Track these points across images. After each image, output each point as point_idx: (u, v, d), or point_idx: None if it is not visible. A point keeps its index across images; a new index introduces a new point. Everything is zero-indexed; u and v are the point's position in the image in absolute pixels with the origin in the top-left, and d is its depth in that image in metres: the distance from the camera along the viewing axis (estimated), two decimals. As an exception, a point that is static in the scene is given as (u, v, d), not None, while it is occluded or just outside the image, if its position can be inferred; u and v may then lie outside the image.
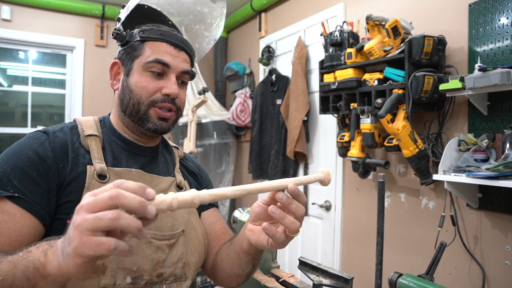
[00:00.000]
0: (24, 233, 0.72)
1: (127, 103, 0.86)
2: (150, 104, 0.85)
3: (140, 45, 0.86)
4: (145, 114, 0.85)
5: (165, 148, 1.01)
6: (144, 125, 0.86)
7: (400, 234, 1.98)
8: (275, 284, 1.13)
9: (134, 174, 0.84)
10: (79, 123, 0.87)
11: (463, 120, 1.68)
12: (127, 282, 0.77)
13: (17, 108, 3.49)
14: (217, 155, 3.54)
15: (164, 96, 0.85)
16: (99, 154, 0.83)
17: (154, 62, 0.84)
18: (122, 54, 0.89)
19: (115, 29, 0.88)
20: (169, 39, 0.87)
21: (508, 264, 1.51)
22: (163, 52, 0.85)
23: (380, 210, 0.95)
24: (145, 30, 0.87)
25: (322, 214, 2.57)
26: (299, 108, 2.56)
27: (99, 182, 0.79)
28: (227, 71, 3.46)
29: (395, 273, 0.92)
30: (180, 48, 0.88)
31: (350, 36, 2.03)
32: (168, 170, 0.95)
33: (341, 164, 2.41)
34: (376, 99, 1.81)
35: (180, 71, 0.87)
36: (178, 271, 0.85)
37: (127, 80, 0.86)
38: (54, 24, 3.41)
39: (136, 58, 0.86)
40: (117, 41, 0.89)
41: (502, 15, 1.51)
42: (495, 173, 1.35)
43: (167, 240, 0.84)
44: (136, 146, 0.90)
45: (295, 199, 0.65)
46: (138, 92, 0.84)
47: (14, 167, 0.75)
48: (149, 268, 0.80)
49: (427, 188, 1.84)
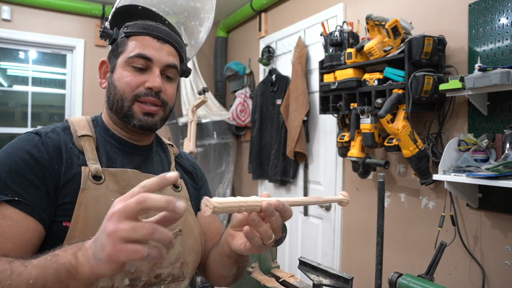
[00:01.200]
0: (28, 237, 0.71)
1: (112, 99, 0.84)
2: (133, 98, 0.83)
3: (125, 40, 0.85)
4: (129, 110, 0.83)
5: (159, 146, 0.99)
6: (130, 122, 0.84)
7: (400, 234, 1.98)
8: (275, 284, 1.13)
9: (130, 174, 0.83)
10: (71, 124, 0.86)
11: (463, 120, 1.68)
12: (125, 284, 0.76)
13: (17, 108, 3.49)
14: (217, 155, 3.54)
15: (147, 89, 0.83)
16: (93, 154, 0.81)
17: (136, 57, 0.82)
18: (109, 53, 0.89)
19: (102, 28, 0.87)
20: (152, 32, 0.85)
21: (508, 264, 1.51)
22: (146, 45, 0.83)
23: (380, 210, 0.95)
24: (129, 25, 0.86)
25: (322, 214, 2.57)
26: (299, 108, 2.56)
27: (94, 183, 0.77)
28: (227, 71, 3.46)
29: (395, 273, 0.92)
30: (164, 40, 0.85)
31: (350, 36, 2.03)
32: (164, 169, 0.94)
33: (341, 164, 2.41)
34: (376, 99, 1.81)
35: (164, 64, 0.85)
36: (176, 271, 0.84)
37: (112, 77, 0.85)
38: (54, 24, 3.41)
39: (120, 54, 0.85)
40: (105, 40, 0.88)
41: (502, 15, 1.51)
42: (495, 173, 1.35)
43: None
44: (130, 145, 0.89)
45: (281, 213, 0.66)
46: (121, 87, 0.83)
47: (9, 171, 0.73)
48: (147, 269, 0.79)
49: (427, 188, 1.84)
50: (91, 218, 0.74)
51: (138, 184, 0.60)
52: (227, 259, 0.82)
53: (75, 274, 0.56)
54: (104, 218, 0.55)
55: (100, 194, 0.77)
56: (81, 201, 0.75)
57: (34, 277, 0.58)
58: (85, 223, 0.74)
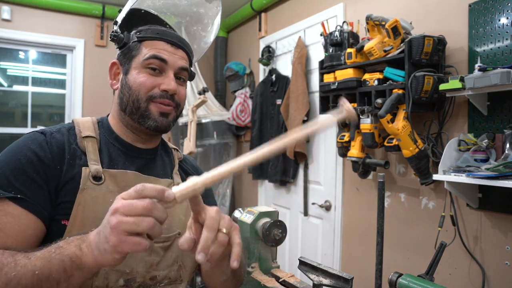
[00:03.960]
0: (29, 234, 0.72)
1: (126, 101, 0.86)
2: (148, 99, 0.85)
3: (137, 45, 0.87)
4: (146, 110, 0.85)
5: (164, 150, 1.00)
6: (145, 123, 0.85)
7: (400, 234, 1.98)
8: (275, 284, 1.13)
9: (130, 176, 0.84)
10: (77, 124, 0.87)
11: (463, 120, 1.68)
12: (119, 284, 0.77)
13: (17, 108, 3.49)
14: (217, 155, 3.53)
15: (163, 92, 0.85)
16: (95, 155, 0.82)
17: (152, 58, 0.84)
18: (120, 56, 0.90)
19: (112, 32, 0.88)
20: (166, 37, 0.87)
21: (508, 264, 1.51)
22: (160, 49, 0.86)
23: (380, 210, 0.95)
24: (142, 30, 0.88)
25: (322, 214, 2.57)
26: (299, 108, 2.56)
27: (94, 183, 0.78)
28: (227, 71, 3.46)
29: (395, 273, 0.92)
30: (177, 46, 0.88)
31: (350, 36, 2.03)
32: (166, 172, 0.95)
33: (341, 164, 2.41)
34: (376, 99, 1.81)
35: (178, 67, 0.87)
36: (173, 273, 0.85)
37: (125, 79, 0.87)
38: (54, 24, 3.41)
39: (134, 58, 0.86)
40: (115, 43, 0.89)
41: (502, 15, 1.51)
42: (495, 173, 1.35)
43: (161, 242, 0.84)
44: (133, 148, 0.90)
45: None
46: (137, 88, 0.84)
47: (13, 168, 0.74)
48: (142, 271, 0.80)
49: (427, 188, 1.84)
50: (89, 218, 0.76)
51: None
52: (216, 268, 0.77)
53: (79, 264, 0.60)
54: (102, 217, 0.59)
55: (99, 195, 0.78)
56: (79, 201, 0.76)
57: (39, 268, 0.61)
58: (82, 222, 0.75)
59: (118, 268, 0.76)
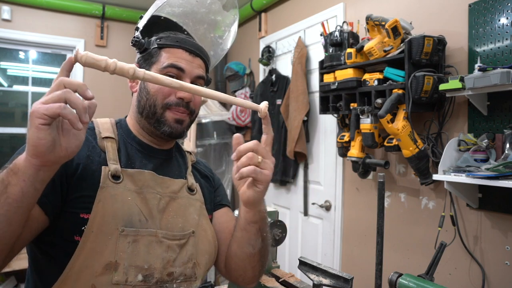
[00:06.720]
0: (29, 224, 0.72)
1: (143, 105, 0.90)
2: (164, 106, 0.89)
3: (157, 51, 0.91)
4: (161, 116, 0.89)
5: (178, 152, 1.04)
6: (160, 128, 0.89)
7: (400, 234, 1.99)
8: (275, 284, 1.13)
9: (146, 175, 0.87)
10: (97, 125, 0.90)
11: (463, 120, 1.68)
12: (138, 279, 0.79)
13: (17, 108, 3.49)
14: (217, 155, 3.54)
15: (179, 99, 0.89)
16: (114, 155, 0.86)
17: (170, 67, 0.88)
18: (140, 60, 0.94)
19: (134, 37, 0.92)
20: (185, 46, 0.91)
21: (508, 264, 1.51)
22: (179, 57, 0.90)
23: (380, 210, 0.95)
24: (162, 37, 0.92)
25: (322, 214, 2.57)
26: (299, 108, 2.56)
27: (113, 182, 0.82)
28: (227, 71, 3.46)
29: (395, 273, 0.92)
30: (195, 54, 0.92)
31: (350, 36, 2.03)
32: (180, 173, 0.98)
33: (341, 164, 2.41)
34: (376, 99, 1.81)
35: (195, 76, 0.91)
36: (188, 271, 0.87)
37: (144, 83, 0.91)
38: (54, 24, 3.41)
39: (153, 64, 0.91)
40: (136, 48, 0.93)
41: (502, 15, 1.51)
42: (495, 173, 1.35)
43: (177, 240, 0.87)
44: (150, 148, 0.94)
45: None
46: (154, 94, 0.88)
47: None
48: (160, 267, 0.82)
49: (427, 188, 1.84)
50: (108, 214, 0.79)
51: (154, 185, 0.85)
52: (251, 227, 0.86)
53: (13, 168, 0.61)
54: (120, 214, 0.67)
55: (118, 193, 0.82)
56: (99, 198, 0.79)
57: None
58: (103, 218, 0.78)
59: (137, 264, 0.79)
